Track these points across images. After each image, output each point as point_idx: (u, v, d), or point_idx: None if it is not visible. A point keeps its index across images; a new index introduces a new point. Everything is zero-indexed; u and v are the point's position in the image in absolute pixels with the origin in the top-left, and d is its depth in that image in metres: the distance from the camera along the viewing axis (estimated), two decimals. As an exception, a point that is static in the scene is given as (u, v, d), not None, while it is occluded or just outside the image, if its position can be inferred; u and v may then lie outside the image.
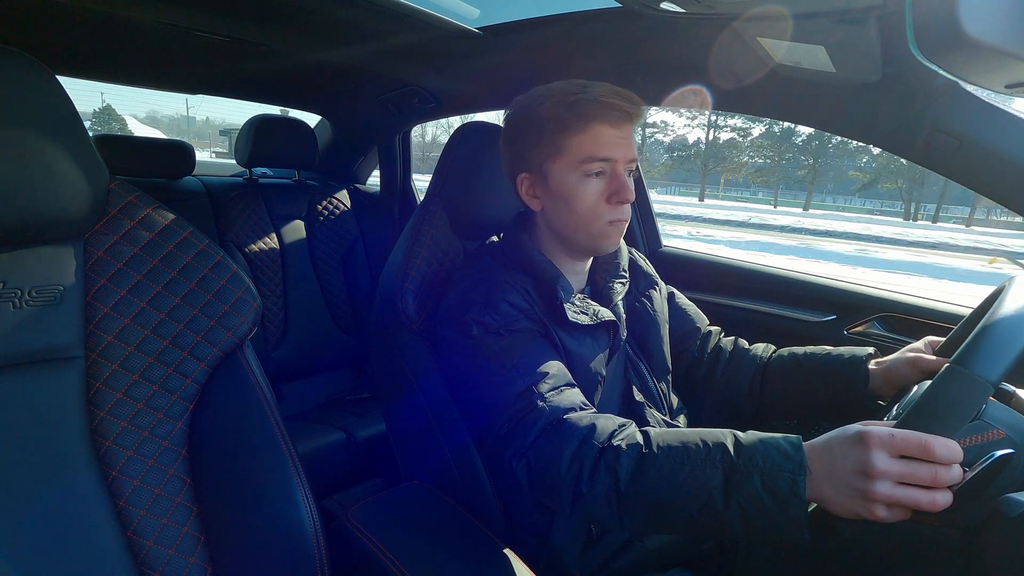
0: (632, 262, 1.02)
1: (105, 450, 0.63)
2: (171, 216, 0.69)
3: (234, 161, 2.00)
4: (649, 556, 0.91)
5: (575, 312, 0.82)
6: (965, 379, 0.56)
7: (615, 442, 0.65)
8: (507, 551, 0.74)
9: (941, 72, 0.66)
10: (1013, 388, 0.67)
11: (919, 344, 0.88)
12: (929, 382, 0.60)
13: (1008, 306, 0.62)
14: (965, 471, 0.54)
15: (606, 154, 0.79)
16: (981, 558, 0.60)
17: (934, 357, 0.82)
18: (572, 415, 0.70)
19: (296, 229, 1.83)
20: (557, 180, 0.81)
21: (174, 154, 1.73)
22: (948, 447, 0.52)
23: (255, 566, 0.66)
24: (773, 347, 1.04)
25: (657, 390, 0.95)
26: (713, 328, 1.09)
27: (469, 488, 0.88)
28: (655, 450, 0.63)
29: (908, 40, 0.61)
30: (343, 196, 1.96)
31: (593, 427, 0.68)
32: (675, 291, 1.10)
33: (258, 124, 1.76)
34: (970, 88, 0.84)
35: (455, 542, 0.77)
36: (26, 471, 0.59)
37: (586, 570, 0.86)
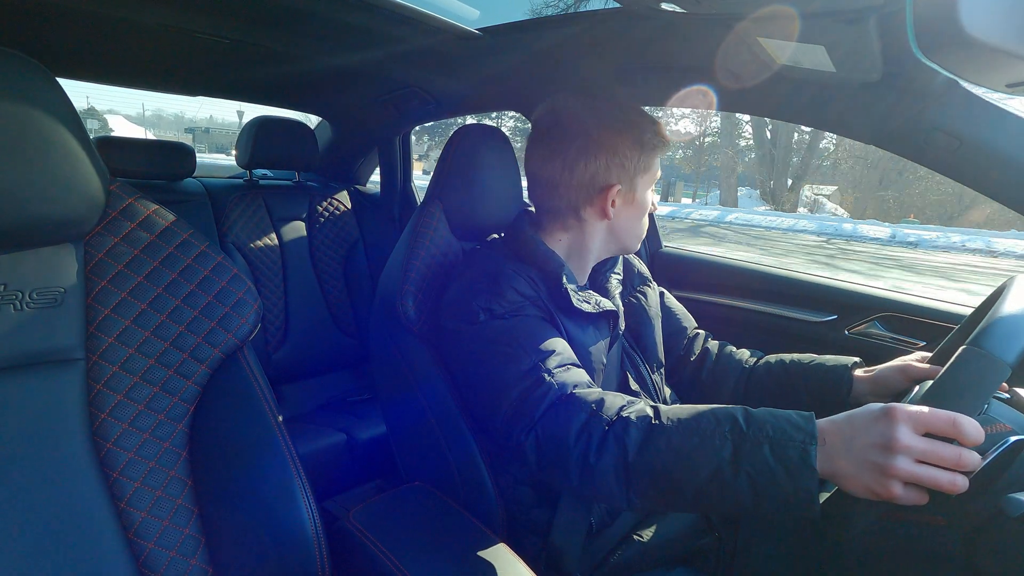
0: (626, 260, 1.05)
1: (106, 452, 0.63)
2: (171, 218, 0.69)
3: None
4: (647, 551, 0.91)
5: (579, 300, 0.84)
6: (984, 359, 0.55)
7: (624, 414, 0.65)
8: (508, 551, 0.74)
9: (941, 71, 0.66)
10: (1012, 389, 0.67)
11: (911, 357, 0.89)
12: (930, 382, 0.60)
13: (1018, 296, 0.62)
14: (980, 458, 0.53)
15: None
16: (982, 559, 0.60)
17: (926, 365, 0.83)
18: (580, 390, 0.71)
19: (296, 230, 1.83)
20: (640, 193, 0.89)
21: (174, 155, 1.73)
22: (974, 425, 0.51)
23: (256, 568, 0.66)
24: (761, 353, 1.06)
25: (651, 381, 0.97)
26: (701, 331, 1.11)
27: (470, 488, 0.88)
28: (664, 422, 0.63)
29: (908, 39, 0.61)
30: (343, 197, 1.96)
31: (602, 401, 0.68)
32: (665, 291, 1.13)
33: (259, 126, 1.76)
34: (971, 87, 0.84)
35: (456, 543, 0.77)
36: (27, 473, 0.59)
37: (586, 567, 0.87)
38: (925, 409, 0.52)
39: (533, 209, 0.97)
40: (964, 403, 0.54)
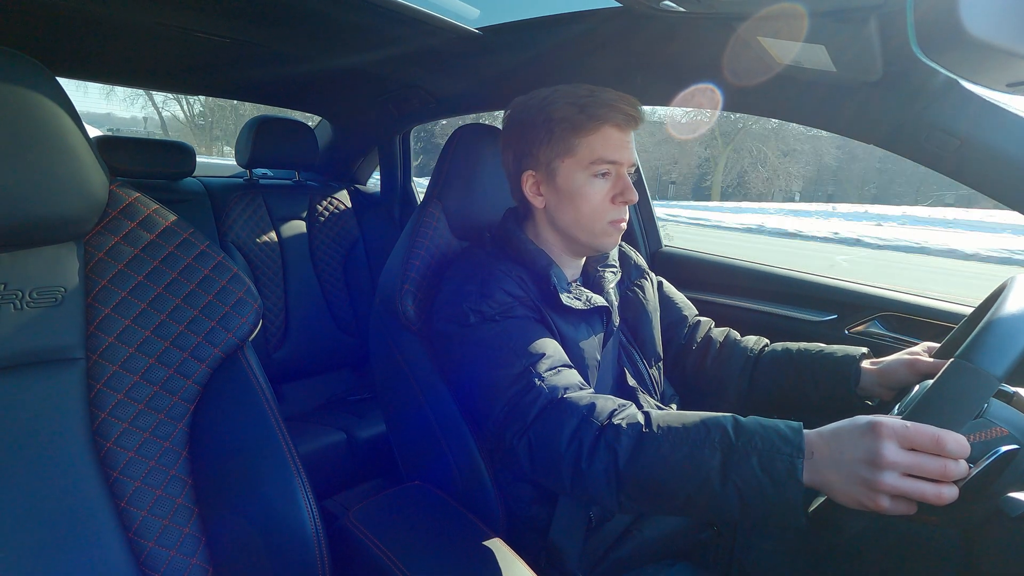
0: (622, 254, 1.04)
1: (106, 451, 0.63)
2: (172, 217, 0.69)
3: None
4: (647, 546, 0.91)
5: (569, 298, 0.84)
6: (971, 373, 0.55)
7: (615, 421, 0.66)
8: (508, 550, 0.74)
9: (942, 71, 0.66)
10: (1014, 389, 0.67)
11: (918, 348, 0.89)
12: (931, 381, 0.60)
13: (1012, 303, 0.62)
14: (970, 467, 0.53)
15: (614, 157, 0.82)
16: (982, 558, 0.60)
17: (932, 359, 0.83)
18: (571, 394, 0.71)
19: (296, 230, 1.83)
20: (565, 178, 0.83)
21: (175, 155, 1.73)
22: (958, 441, 0.52)
23: (256, 567, 0.66)
24: (766, 340, 1.05)
25: (649, 376, 0.96)
26: (704, 319, 1.10)
27: (469, 486, 0.88)
28: (655, 430, 0.63)
29: (909, 39, 0.61)
30: (343, 197, 1.96)
31: (593, 406, 0.68)
32: (664, 281, 1.12)
33: (259, 125, 1.76)
34: (971, 87, 0.84)
35: (456, 542, 0.77)
36: (27, 473, 0.59)
37: (586, 564, 0.87)
38: (910, 424, 0.53)
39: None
40: (949, 418, 0.54)
